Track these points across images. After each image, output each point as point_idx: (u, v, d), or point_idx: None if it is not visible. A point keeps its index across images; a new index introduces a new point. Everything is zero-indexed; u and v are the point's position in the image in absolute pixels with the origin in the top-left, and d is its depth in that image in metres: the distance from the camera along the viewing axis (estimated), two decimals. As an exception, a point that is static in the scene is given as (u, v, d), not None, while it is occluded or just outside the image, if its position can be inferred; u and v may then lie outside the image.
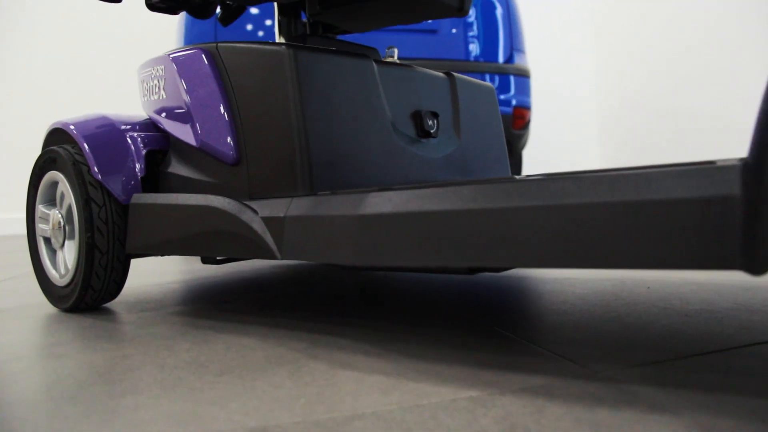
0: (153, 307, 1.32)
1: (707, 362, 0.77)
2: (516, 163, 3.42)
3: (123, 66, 4.41)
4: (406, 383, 0.75)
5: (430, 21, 3.02)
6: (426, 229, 0.76)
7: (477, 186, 0.73)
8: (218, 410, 0.69)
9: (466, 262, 0.73)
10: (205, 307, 1.31)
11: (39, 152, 1.66)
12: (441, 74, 1.29)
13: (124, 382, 0.81)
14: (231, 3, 1.40)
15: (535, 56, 4.79)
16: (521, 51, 3.25)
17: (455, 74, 1.32)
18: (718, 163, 0.61)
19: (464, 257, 0.73)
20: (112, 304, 1.38)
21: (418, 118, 1.19)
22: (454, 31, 3.05)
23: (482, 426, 0.61)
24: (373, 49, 1.32)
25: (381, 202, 0.81)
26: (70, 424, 0.67)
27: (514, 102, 3.07)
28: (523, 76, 3.18)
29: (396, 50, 1.31)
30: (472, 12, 3.12)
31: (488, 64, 3.09)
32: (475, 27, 3.13)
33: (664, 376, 0.73)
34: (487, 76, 3.08)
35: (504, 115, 3.06)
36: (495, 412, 0.64)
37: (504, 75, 3.11)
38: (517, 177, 0.73)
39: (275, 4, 1.40)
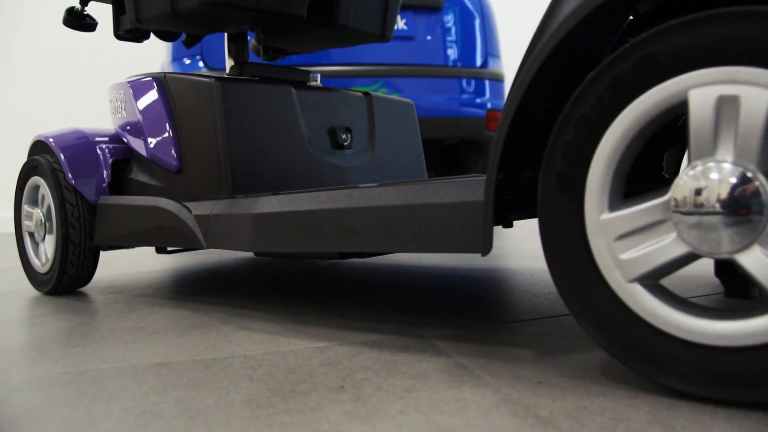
0: (119, 291, 1.65)
1: (507, 328, 1.07)
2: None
3: (123, 70, 4.77)
4: (280, 339, 1.05)
5: (405, 28, 3.32)
6: (297, 224, 1.06)
7: (329, 192, 1.03)
8: (138, 354, 1.01)
9: (325, 248, 1.04)
10: (162, 290, 1.63)
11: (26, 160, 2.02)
12: (359, 94, 1.59)
13: (78, 339, 1.13)
14: (188, 33, 1.72)
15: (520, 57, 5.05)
16: (496, 56, 3.53)
17: (373, 93, 1.62)
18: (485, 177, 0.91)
19: (323, 245, 1.03)
20: (85, 289, 1.71)
21: (333, 133, 1.49)
22: (429, 38, 3.32)
23: (311, 362, 0.91)
24: (305, 72, 1.62)
25: (268, 204, 1.12)
26: (31, 362, 0.99)
27: (488, 105, 3.35)
28: (497, 80, 3.46)
29: (319, 75, 1.61)
30: (450, 17, 3.41)
31: (463, 68, 3.35)
32: (453, 32, 3.39)
33: (464, 336, 1.02)
34: (463, 81, 3.35)
35: (478, 118, 3.33)
36: (326, 355, 0.95)
37: (479, 79, 3.37)
38: (361, 185, 1.03)
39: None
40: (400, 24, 3.28)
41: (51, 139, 1.58)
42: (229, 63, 1.70)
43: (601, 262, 0.73)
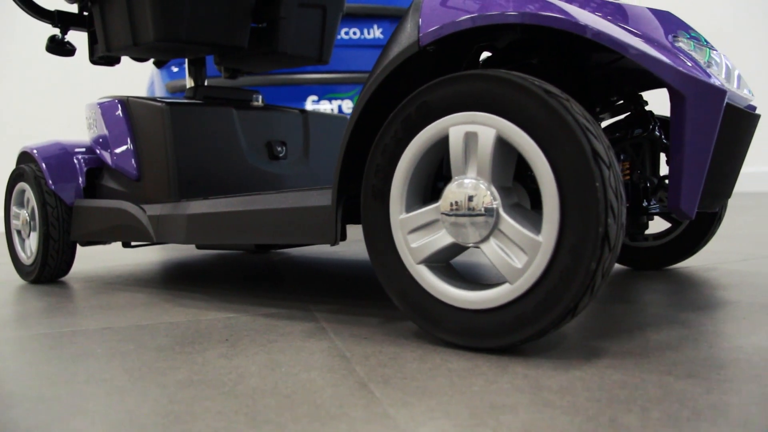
0: (94, 280, 2.06)
1: (380, 305, 1.44)
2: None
3: (122, 75, 5.24)
4: (204, 312, 1.44)
5: (381, 36, 3.69)
6: (217, 222, 1.45)
7: (241, 197, 1.42)
8: (91, 321, 1.40)
9: (238, 241, 1.42)
10: (129, 279, 2.04)
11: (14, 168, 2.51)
12: (296, 111, 1.98)
13: (50, 314, 1.53)
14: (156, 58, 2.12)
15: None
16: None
17: (309, 110, 2.01)
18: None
19: (236, 238, 1.42)
20: (65, 278, 2.12)
21: (269, 146, 1.88)
22: (405, 44, 3.68)
23: (216, 326, 1.30)
24: (249, 93, 2.01)
25: (198, 206, 1.51)
26: (11, 329, 1.40)
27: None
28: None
29: (261, 96, 2.00)
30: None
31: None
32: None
33: (343, 310, 1.40)
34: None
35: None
36: (230, 322, 1.33)
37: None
38: (265, 192, 1.41)
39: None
40: (377, 33, 3.67)
41: (35, 151, 1.99)
42: (189, 83, 2.10)
43: (400, 250, 1.10)
